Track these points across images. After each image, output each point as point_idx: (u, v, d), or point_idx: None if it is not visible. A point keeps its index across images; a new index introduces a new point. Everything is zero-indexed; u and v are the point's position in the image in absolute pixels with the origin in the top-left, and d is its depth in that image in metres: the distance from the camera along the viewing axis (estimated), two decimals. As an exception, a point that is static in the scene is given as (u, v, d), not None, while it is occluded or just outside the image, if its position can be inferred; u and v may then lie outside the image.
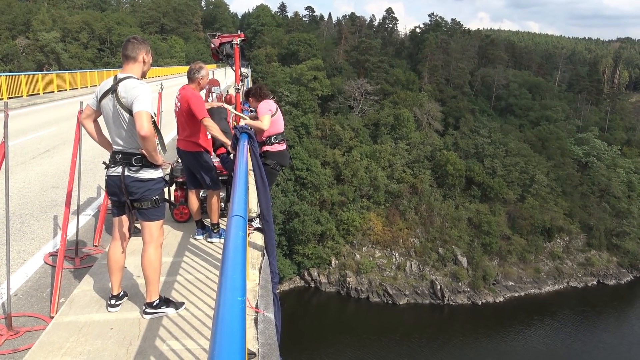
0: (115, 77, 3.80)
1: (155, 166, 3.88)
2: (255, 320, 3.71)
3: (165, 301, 4.00)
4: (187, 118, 5.52)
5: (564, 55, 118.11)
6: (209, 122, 5.39)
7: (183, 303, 4.10)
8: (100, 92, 3.84)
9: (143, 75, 3.96)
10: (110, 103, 3.77)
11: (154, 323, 3.84)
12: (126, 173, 3.79)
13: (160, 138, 3.86)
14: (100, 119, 4.02)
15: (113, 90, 3.74)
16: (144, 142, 3.62)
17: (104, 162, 4.01)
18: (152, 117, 3.67)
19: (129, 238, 4.14)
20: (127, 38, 3.96)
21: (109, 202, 4.21)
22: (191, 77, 5.60)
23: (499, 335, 45.80)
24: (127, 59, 3.85)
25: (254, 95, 6.12)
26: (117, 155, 3.84)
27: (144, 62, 3.91)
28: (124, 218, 4.04)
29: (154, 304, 3.93)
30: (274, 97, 6.20)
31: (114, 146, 3.88)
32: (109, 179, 3.90)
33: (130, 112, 3.67)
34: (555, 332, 46.89)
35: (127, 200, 3.86)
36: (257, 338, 3.51)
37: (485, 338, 45.14)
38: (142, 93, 3.64)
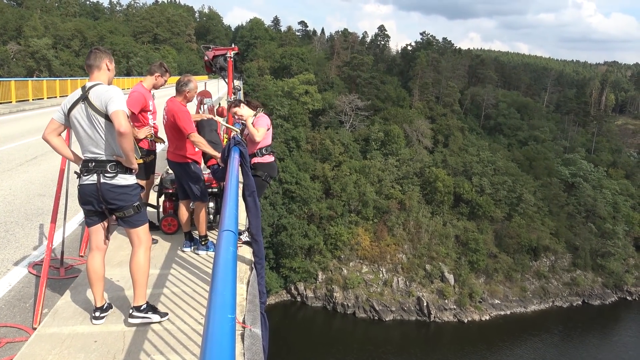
0: (84, 87, 3.82)
1: (130, 171, 3.87)
2: (242, 335, 3.68)
3: (152, 307, 4.01)
4: (174, 131, 5.53)
5: (552, 77, 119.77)
6: (195, 137, 5.40)
7: (167, 313, 4.09)
8: (68, 103, 3.83)
9: (110, 82, 3.99)
10: (82, 112, 3.76)
11: (139, 336, 3.78)
12: (102, 180, 3.77)
13: (136, 142, 3.88)
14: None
15: (84, 97, 3.75)
16: (122, 139, 3.62)
17: (75, 172, 3.96)
18: (128, 116, 3.72)
19: (106, 246, 4.11)
20: (90, 49, 4.05)
21: (83, 212, 4.14)
22: (178, 89, 5.60)
23: (486, 353, 45.74)
24: (91, 67, 3.90)
25: (243, 103, 6.10)
26: (90, 164, 3.80)
27: (109, 69, 3.97)
28: (100, 227, 4.01)
29: (142, 307, 3.92)
30: (262, 110, 6.21)
31: (85, 155, 3.83)
32: (82, 188, 3.85)
33: (105, 116, 3.68)
34: (541, 351, 46.94)
35: (105, 208, 3.83)
36: (244, 354, 3.47)
37: (471, 356, 45.05)
38: (115, 94, 3.70)
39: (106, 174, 3.77)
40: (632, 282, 59.58)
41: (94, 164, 3.79)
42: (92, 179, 3.79)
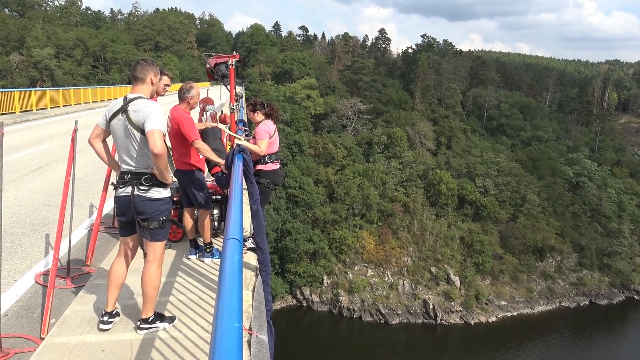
0: (125, 98, 3.88)
1: (164, 185, 3.93)
2: (249, 342, 3.68)
3: (159, 316, 4.05)
4: (178, 139, 5.54)
5: (554, 76, 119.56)
6: (199, 144, 5.41)
7: (174, 317, 4.14)
8: (110, 112, 3.91)
9: (152, 96, 4.04)
10: (120, 123, 3.83)
11: (146, 345, 3.79)
12: (136, 193, 3.84)
13: (169, 157, 3.91)
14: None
15: (123, 110, 3.80)
16: (157, 159, 3.67)
17: (112, 183, 4.06)
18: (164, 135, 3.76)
19: (133, 256, 4.18)
20: (137, 60, 4.06)
21: (117, 222, 4.24)
22: (181, 97, 5.64)
23: (494, 354, 45.50)
24: (136, 80, 3.93)
25: (263, 110, 6.04)
26: (126, 176, 3.88)
27: (152, 83, 3.99)
28: (131, 238, 4.08)
29: (149, 319, 3.96)
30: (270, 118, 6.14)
31: (122, 166, 3.92)
32: (119, 200, 3.95)
33: (141, 131, 3.73)
34: (549, 352, 46.66)
35: (138, 219, 3.89)
36: (251, 361, 3.47)
37: (479, 357, 44.84)
38: (154, 112, 3.72)
39: (141, 187, 3.84)
40: (639, 281, 59.23)
41: (129, 175, 3.86)
42: (127, 190, 3.87)
